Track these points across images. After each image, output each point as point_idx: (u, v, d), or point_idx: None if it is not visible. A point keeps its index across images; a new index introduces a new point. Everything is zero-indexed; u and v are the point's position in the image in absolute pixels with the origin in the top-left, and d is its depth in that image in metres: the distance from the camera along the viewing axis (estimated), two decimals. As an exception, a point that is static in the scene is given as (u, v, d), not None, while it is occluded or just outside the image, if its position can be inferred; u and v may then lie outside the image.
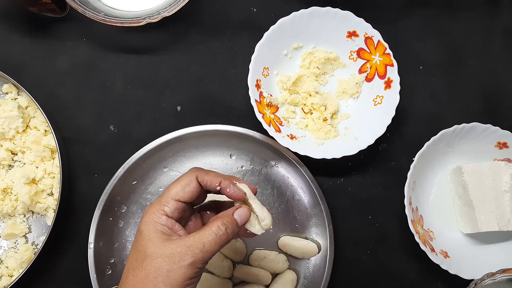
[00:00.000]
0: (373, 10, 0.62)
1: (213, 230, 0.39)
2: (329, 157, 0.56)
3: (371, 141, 0.56)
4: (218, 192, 0.43)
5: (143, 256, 0.38)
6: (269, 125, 0.56)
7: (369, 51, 0.60)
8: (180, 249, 0.38)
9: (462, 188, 0.58)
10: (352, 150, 0.56)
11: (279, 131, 0.57)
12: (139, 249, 0.39)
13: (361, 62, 0.61)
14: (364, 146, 0.56)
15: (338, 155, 0.56)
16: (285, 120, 0.60)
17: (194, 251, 0.38)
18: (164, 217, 0.40)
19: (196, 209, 0.46)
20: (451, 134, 0.57)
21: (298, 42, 0.61)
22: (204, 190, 0.43)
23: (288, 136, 0.57)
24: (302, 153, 0.55)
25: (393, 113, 0.57)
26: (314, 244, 0.58)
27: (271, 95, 0.59)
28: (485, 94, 0.65)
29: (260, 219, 0.42)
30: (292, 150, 0.55)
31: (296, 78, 0.60)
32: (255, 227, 0.42)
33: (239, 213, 0.41)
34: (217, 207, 0.47)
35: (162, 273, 0.37)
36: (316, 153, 0.56)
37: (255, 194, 0.44)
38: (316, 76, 0.62)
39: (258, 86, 0.58)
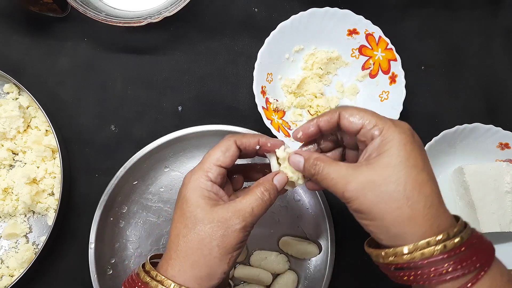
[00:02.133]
0: (373, 10, 0.61)
1: (258, 196, 0.40)
2: None
3: None
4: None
5: (194, 222, 0.38)
6: (278, 131, 0.56)
7: (371, 48, 0.60)
8: (231, 214, 0.38)
9: (464, 189, 0.58)
10: None
11: (289, 135, 0.57)
12: (188, 216, 0.39)
13: (363, 59, 0.61)
14: None
15: None
16: (293, 124, 0.60)
17: (244, 215, 0.39)
18: (210, 183, 0.40)
19: None
20: (453, 135, 0.57)
21: (299, 44, 0.61)
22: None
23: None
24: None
25: (400, 108, 0.57)
26: (315, 245, 0.58)
27: (277, 100, 0.59)
28: (486, 94, 0.65)
29: (291, 178, 0.43)
30: None
31: (300, 81, 0.60)
32: (289, 184, 0.43)
33: (278, 179, 0.42)
34: (243, 171, 0.47)
35: (217, 237, 0.38)
36: None
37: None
38: (319, 77, 0.62)
39: (263, 92, 0.58)
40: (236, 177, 0.46)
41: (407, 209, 0.33)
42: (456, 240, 0.33)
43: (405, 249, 0.33)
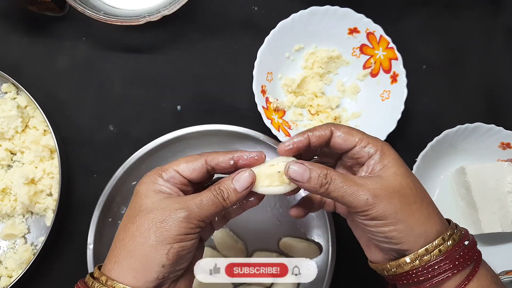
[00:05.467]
0: (373, 8, 0.61)
1: (211, 192, 0.38)
2: None
3: (383, 137, 0.56)
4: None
5: (137, 211, 0.37)
6: (278, 130, 0.56)
7: (371, 46, 0.60)
8: (177, 204, 0.36)
9: (465, 189, 0.58)
10: None
11: (289, 135, 0.57)
12: (133, 206, 0.38)
13: (364, 58, 0.61)
14: None
15: None
16: (293, 123, 0.60)
17: (191, 205, 0.36)
18: (161, 179, 0.39)
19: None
20: (454, 135, 0.57)
21: (299, 43, 0.61)
22: (210, 175, 0.41)
23: None
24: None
25: (402, 107, 0.57)
26: (315, 246, 0.58)
27: (277, 100, 0.59)
28: (488, 94, 0.64)
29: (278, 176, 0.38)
30: None
31: (300, 80, 0.60)
32: (273, 188, 0.39)
33: (237, 178, 0.38)
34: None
35: (156, 224, 0.36)
36: None
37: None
38: (320, 76, 0.62)
39: (263, 92, 0.57)
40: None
41: (424, 210, 0.37)
42: (449, 243, 0.36)
43: (408, 259, 0.36)
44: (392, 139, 0.58)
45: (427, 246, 0.36)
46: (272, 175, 0.39)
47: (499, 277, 0.52)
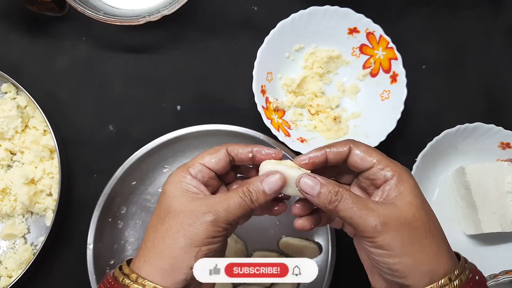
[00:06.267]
0: (373, 8, 0.61)
1: (238, 194, 0.37)
2: None
3: (383, 137, 0.56)
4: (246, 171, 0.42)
5: (166, 212, 0.37)
6: (278, 130, 0.56)
7: (371, 46, 0.60)
8: (204, 207, 0.36)
9: (465, 189, 0.58)
10: None
11: (289, 135, 0.57)
12: (162, 207, 0.38)
13: (364, 58, 0.61)
14: (376, 143, 0.56)
15: None
16: (293, 123, 0.60)
17: (218, 209, 0.36)
18: (189, 176, 0.39)
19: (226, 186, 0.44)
20: (454, 134, 0.57)
21: (299, 43, 0.61)
22: (233, 166, 0.42)
23: (298, 139, 0.57)
24: None
25: (402, 107, 0.56)
26: (315, 245, 0.58)
27: (277, 100, 0.59)
28: (488, 93, 0.64)
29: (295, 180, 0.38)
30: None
31: (300, 80, 0.60)
32: (294, 190, 0.39)
33: (268, 181, 0.38)
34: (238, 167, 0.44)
35: (184, 227, 0.36)
36: None
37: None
38: (320, 76, 0.62)
39: (263, 92, 0.57)
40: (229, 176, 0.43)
41: (434, 246, 0.35)
42: (456, 282, 0.34)
43: None
44: (392, 139, 0.58)
45: (432, 285, 0.34)
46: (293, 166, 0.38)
47: (499, 277, 0.52)
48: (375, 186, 0.39)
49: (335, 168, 0.42)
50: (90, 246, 0.55)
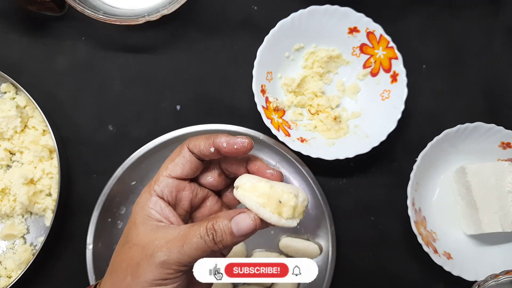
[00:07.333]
0: (373, 8, 0.61)
1: (199, 232, 0.32)
2: (342, 157, 0.55)
3: (383, 137, 0.56)
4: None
5: (124, 242, 0.35)
6: (278, 130, 0.55)
7: (372, 46, 0.59)
8: (158, 242, 0.32)
9: (466, 189, 0.57)
10: (364, 148, 0.55)
11: (289, 135, 0.56)
12: (125, 233, 0.35)
13: (364, 57, 0.61)
14: (376, 143, 0.56)
15: (351, 154, 0.55)
16: (293, 123, 0.60)
17: (171, 249, 0.32)
18: (154, 198, 0.35)
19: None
20: (455, 134, 0.57)
21: (299, 43, 0.61)
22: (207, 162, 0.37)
23: (298, 139, 0.57)
24: (314, 155, 0.55)
25: (402, 107, 0.56)
26: (315, 246, 0.58)
27: (276, 99, 0.59)
28: (488, 93, 0.64)
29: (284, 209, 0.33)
30: (303, 153, 0.55)
31: (300, 79, 0.60)
32: (275, 219, 0.33)
33: (237, 220, 0.33)
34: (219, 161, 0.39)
35: (132, 264, 0.33)
36: (329, 154, 0.55)
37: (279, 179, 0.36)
38: (320, 76, 0.61)
39: (263, 91, 0.57)
40: (228, 193, 0.39)
41: None
42: None
43: None
44: (392, 138, 0.58)
45: None
46: (272, 199, 0.33)
47: (500, 277, 0.51)
48: None
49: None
50: (89, 246, 0.55)
